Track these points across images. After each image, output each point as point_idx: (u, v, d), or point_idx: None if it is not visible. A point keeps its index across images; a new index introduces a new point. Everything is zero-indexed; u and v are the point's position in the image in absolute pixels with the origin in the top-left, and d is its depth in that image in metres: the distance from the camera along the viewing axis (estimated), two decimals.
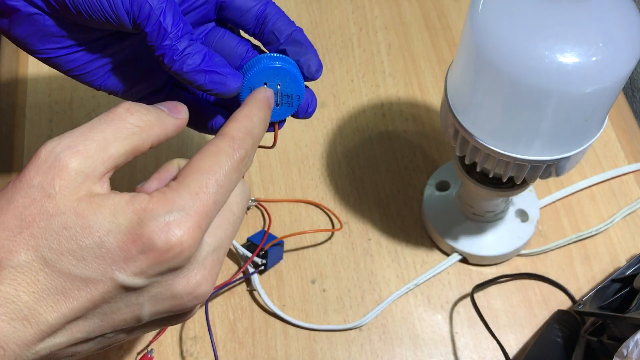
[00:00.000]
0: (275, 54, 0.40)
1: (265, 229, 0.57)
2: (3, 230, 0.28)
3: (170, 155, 0.61)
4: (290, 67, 0.39)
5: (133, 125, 0.32)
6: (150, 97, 0.46)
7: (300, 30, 0.41)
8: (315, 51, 0.41)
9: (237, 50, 0.43)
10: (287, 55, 0.40)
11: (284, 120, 0.42)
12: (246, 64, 0.40)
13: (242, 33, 0.43)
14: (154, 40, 0.36)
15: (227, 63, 0.39)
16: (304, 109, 0.42)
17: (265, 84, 0.40)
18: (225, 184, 0.32)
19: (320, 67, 0.41)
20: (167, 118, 0.34)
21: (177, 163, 0.36)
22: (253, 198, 0.58)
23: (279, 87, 0.40)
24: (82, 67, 0.41)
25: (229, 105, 0.45)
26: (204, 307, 0.51)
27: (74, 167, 0.29)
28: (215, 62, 0.38)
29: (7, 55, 0.67)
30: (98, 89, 0.44)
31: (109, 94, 0.44)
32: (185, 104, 0.46)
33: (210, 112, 0.44)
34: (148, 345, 0.52)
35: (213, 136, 0.36)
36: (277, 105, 0.41)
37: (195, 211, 0.30)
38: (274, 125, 0.42)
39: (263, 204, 0.58)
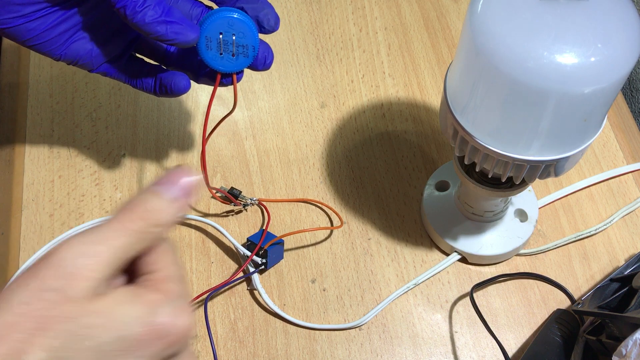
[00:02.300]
0: (230, 8, 0.42)
1: (264, 227, 0.57)
2: (17, 332, 0.28)
3: (172, 155, 0.61)
4: (244, 17, 0.42)
5: (150, 236, 0.31)
6: (109, 64, 0.47)
7: None
8: (271, 5, 0.43)
9: (192, 13, 0.45)
10: (245, 12, 0.42)
11: (242, 72, 0.45)
12: (203, 16, 0.43)
13: None
14: None
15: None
16: (262, 61, 0.45)
17: (221, 34, 0.42)
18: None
19: (278, 19, 0.43)
20: (177, 215, 0.33)
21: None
22: (255, 198, 0.58)
23: (234, 37, 0.42)
24: (41, 35, 0.42)
25: (187, 67, 0.48)
26: (203, 306, 0.52)
27: (89, 274, 0.29)
28: (173, 14, 0.40)
29: (9, 55, 0.67)
30: (57, 59, 0.44)
31: (68, 64, 0.45)
32: (143, 70, 0.48)
33: (169, 76, 0.47)
34: None
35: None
36: (233, 55, 0.43)
37: (186, 295, 0.32)
38: (233, 77, 0.45)
39: (263, 202, 0.58)
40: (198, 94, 0.65)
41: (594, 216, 0.58)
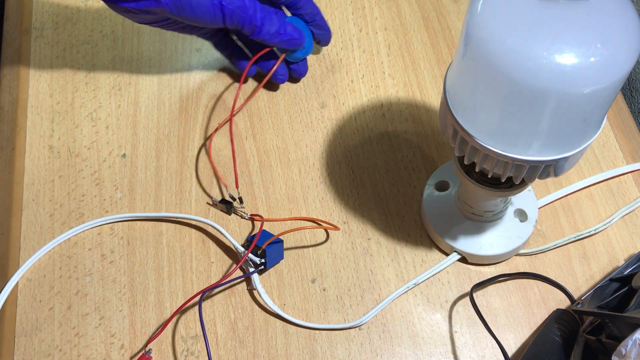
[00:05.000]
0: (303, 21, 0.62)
1: (260, 226, 0.57)
2: None
3: (172, 155, 0.61)
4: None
5: None
6: (202, 34, 0.63)
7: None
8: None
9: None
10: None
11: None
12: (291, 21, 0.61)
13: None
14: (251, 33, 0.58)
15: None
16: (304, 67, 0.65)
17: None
18: None
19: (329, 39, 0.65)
20: None
21: None
22: (247, 214, 0.58)
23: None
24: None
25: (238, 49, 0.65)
26: (197, 306, 0.52)
27: None
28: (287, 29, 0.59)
29: (9, 55, 0.67)
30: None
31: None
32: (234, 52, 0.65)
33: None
34: (146, 345, 0.52)
35: None
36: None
37: None
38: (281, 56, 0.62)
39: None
40: (198, 94, 0.65)
41: (593, 216, 0.58)
